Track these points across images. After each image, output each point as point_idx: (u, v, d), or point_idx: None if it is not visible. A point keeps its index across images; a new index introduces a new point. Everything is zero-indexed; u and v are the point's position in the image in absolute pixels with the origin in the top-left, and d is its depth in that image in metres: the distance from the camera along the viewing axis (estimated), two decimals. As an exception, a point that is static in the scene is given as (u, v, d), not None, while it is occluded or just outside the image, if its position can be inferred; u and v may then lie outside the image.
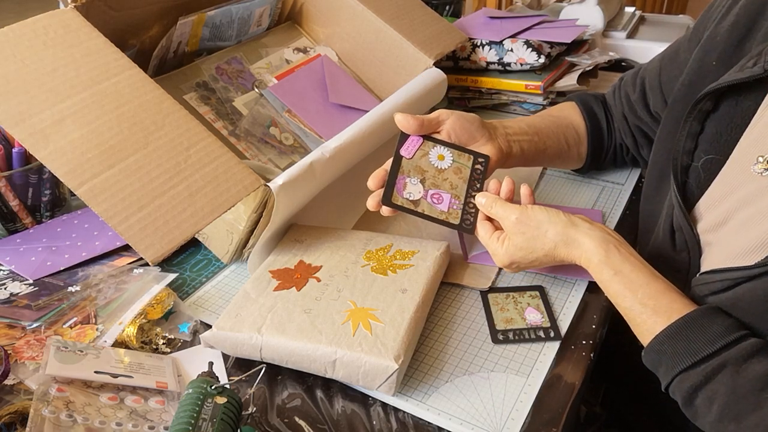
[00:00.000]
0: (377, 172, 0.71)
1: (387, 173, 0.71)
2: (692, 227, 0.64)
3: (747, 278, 0.55)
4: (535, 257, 0.66)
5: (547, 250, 0.65)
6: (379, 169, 0.72)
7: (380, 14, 1.00)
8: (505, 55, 1.08)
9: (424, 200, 0.70)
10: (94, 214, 0.64)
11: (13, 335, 0.67)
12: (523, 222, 0.66)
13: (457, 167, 0.72)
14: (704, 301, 0.60)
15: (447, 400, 0.61)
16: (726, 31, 0.67)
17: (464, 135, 0.74)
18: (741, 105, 0.63)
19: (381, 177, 0.71)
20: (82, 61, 0.71)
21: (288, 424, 0.60)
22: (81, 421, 0.55)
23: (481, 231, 0.70)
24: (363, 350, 0.60)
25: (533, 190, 0.94)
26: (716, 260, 0.62)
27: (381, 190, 0.70)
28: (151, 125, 0.69)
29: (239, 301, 0.67)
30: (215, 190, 0.67)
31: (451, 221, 0.70)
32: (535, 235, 0.66)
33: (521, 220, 0.66)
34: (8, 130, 0.65)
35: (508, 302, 0.71)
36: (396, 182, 0.70)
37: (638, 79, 0.85)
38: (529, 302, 0.71)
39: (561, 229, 0.65)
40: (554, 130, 0.85)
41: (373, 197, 0.70)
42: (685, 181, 0.66)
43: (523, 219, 0.66)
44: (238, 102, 0.94)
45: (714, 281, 0.59)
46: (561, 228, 0.65)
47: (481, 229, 0.70)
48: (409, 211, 0.69)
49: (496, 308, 0.71)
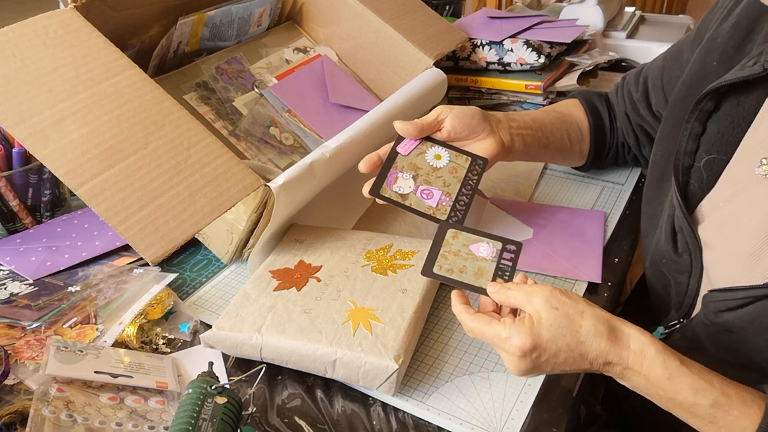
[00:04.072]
0: (370, 156, 0.71)
1: (380, 158, 0.71)
2: (693, 229, 0.64)
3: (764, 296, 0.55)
4: (566, 344, 0.52)
5: (582, 338, 0.52)
6: (372, 153, 0.71)
7: (380, 14, 1.00)
8: (505, 55, 1.08)
9: (414, 195, 0.69)
10: (94, 214, 0.64)
11: (13, 335, 0.67)
12: (557, 297, 0.54)
13: (453, 167, 0.72)
14: (718, 316, 0.59)
15: (447, 400, 0.61)
16: (727, 32, 0.67)
17: (464, 130, 0.74)
18: (743, 105, 0.63)
19: (373, 162, 0.70)
20: (82, 61, 0.71)
21: (288, 424, 0.60)
22: (81, 421, 0.55)
23: (480, 322, 0.55)
24: (363, 350, 0.60)
25: (533, 189, 0.94)
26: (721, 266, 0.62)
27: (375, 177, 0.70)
28: (151, 125, 0.69)
29: (239, 301, 0.67)
30: (215, 190, 0.67)
31: (438, 216, 0.69)
32: (571, 314, 0.53)
33: (554, 295, 0.54)
34: (8, 130, 0.65)
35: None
36: (387, 175, 0.70)
37: (641, 78, 0.85)
38: None
39: (600, 314, 0.54)
40: (558, 126, 0.85)
41: (368, 184, 0.70)
42: (687, 181, 0.66)
43: (556, 294, 0.54)
44: (238, 102, 0.94)
45: (729, 299, 0.58)
46: (600, 312, 0.54)
47: (480, 320, 0.55)
48: (397, 203, 0.68)
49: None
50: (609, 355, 0.52)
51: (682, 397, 0.51)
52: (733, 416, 0.50)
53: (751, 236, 0.58)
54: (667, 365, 0.51)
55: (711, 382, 0.51)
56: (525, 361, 0.53)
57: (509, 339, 0.53)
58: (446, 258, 0.62)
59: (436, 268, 0.61)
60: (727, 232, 0.61)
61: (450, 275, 0.61)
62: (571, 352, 0.53)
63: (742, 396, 0.51)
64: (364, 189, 0.69)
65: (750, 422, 0.50)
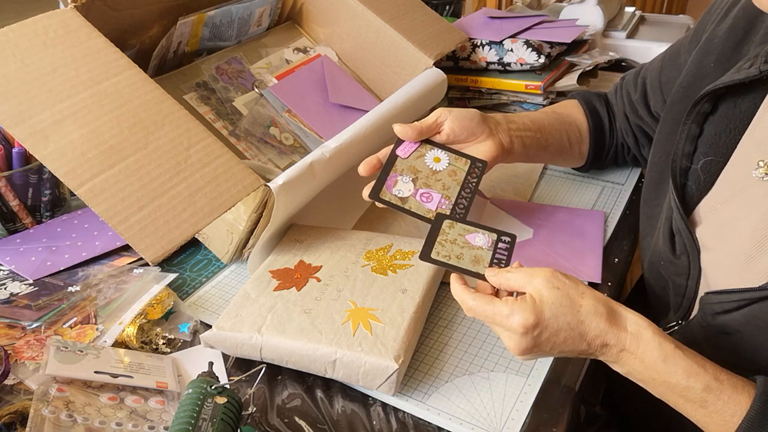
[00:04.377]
0: (369, 158, 0.71)
1: (379, 161, 0.71)
2: (691, 231, 0.64)
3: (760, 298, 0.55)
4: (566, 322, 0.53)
5: (582, 317, 0.53)
6: (372, 156, 0.71)
7: (380, 14, 1.00)
8: (505, 55, 1.08)
9: (413, 198, 0.69)
10: (94, 214, 0.64)
11: (13, 335, 0.67)
12: (558, 278, 0.55)
13: (452, 170, 0.72)
14: (715, 318, 0.59)
15: (447, 400, 0.61)
16: (724, 34, 0.67)
17: (464, 133, 0.74)
18: (739, 107, 0.62)
19: (373, 164, 0.70)
20: (82, 61, 0.71)
21: (288, 424, 0.60)
22: (81, 421, 0.55)
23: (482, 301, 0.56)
24: (363, 350, 0.60)
25: (533, 189, 0.94)
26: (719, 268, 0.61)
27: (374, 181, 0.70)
28: (151, 125, 0.69)
29: (239, 301, 0.67)
30: (215, 190, 0.67)
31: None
32: (572, 294, 0.54)
33: (555, 276, 0.55)
34: (8, 130, 0.65)
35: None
36: (387, 179, 0.70)
37: (639, 79, 0.85)
38: None
39: (600, 295, 0.55)
40: (557, 128, 0.85)
41: (368, 187, 0.70)
42: (685, 183, 0.66)
43: (557, 275, 0.55)
44: (238, 102, 0.94)
45: (725, 301, 0.58)
46: (599, 294, 0.55)
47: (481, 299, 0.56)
48: (396, 207, 0.68)
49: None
50: (607, 336, 0.53)
51: (675, 380, 0.51)
52: (723, 401, 0.51)
53: (748, 238, 0.58)
54: (662, 347, 0.52)
55: (704, 366, 0.52)
56: (526, 338, 0.53)
57: (511, 315, 0.53)
58: (443, 246, 0.63)
59: (434, 254, 0.62)
60: (725, 235, 0.61)
61: (448, 261, 0.61)
62: (571, 331, 0.53)
63: (734, 382, 0.51)
64: (364, 192, 0.69)
65: (739, 408, 0.50)
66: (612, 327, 0.53)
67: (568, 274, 0.56)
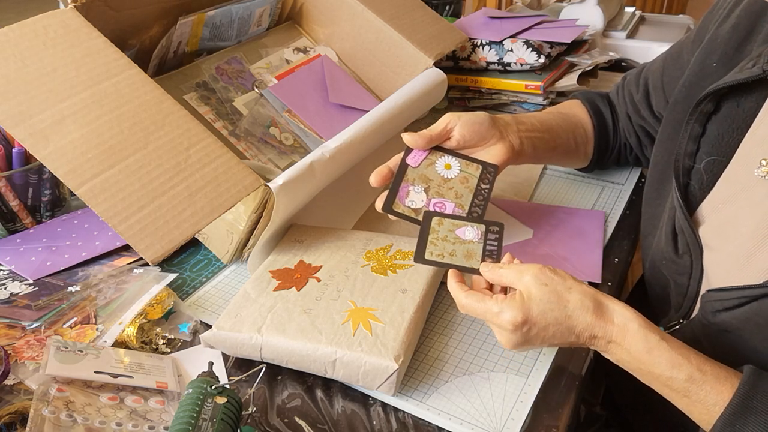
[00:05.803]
0: (380, 169, 0.71)
1: (390, 171, 0.70)
2: (694, 230, 0.64)
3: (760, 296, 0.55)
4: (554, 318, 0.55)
5: (569, 312, 0.55)
6: (382, 165, 0.71)
7: (380, 14, 1.00)
8: (505, 55, 1.08)
9: (427, 209, 0.69)
10: (94, 214, 0.64)
11: (13, 335, 0.67)
12: (546, 274, 0.57)
13: (464, 176, 0.71)
14: (715, 316, 0.59)
15: (447, 400, 0.61)
16: (727, 33, 0.67)
17: (474, 138, 0.73)
18: (742, 106, 0.63)
19: (384, 175, 0.70)
20: (82, 61, 0.71)
21: (288, 424, 0.60)
22: (81, 421, 0.55)
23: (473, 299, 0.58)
24: (363, 350, 0.60)
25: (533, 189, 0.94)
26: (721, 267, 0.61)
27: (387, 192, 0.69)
28: (151, 125, 0.69)
29: (239, 301, 0.67)
30: (215, 190, 0.67)
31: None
32: (559, 290, 0.56)
33: (543, 272, 0.57)
34: (8, 130, 0.65)
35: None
36: (399, 190, 0.70)
37: (641, 79, 0.85)
38: None
39: (587, 289, 0.56)
40: (564, 128, 0.84)
41: (380, 199, 0.69)
42: (687, 183, 0.66)
43: (545, 271, 0.57)
44: (238, 102, 0.94)
45: (725, 299, 0.58)
46: (587, 288, 0.57)
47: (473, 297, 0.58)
48: (410, 219, 0.68)
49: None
50: (594, 329, 0.55)
51: (660, 370, 0.53)
52: (705, 391, 0.52)
53: (749, 237, 0.58)
54: (647, 339, 0.54)
55: (688, 357, 0.53)
56: (516, 334, 0.56)
57: (501, 313, 0.56)
58: (435, 244, 0.64)
59: (428, 255, 0.63)
60: (726, 233, 0.61)
61: (442, 260, 0.63)
62: (559, 326, 0.55)
63: (717, 373, 0.52)
64: (377, 204, 0.69)
65: (721, 398, 0.51)
66: (599, 320, 0.55)
67: (557, 269, 0.58)
